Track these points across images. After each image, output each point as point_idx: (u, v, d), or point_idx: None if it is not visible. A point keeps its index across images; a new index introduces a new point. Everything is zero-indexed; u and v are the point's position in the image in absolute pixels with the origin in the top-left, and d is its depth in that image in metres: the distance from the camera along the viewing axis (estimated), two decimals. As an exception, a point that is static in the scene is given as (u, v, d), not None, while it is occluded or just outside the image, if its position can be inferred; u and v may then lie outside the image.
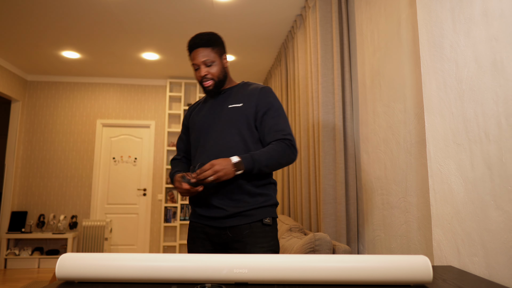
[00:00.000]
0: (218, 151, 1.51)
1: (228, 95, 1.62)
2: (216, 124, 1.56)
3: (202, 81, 1.58)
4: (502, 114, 0.98)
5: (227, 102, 1.60)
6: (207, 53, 1.57)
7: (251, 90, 1.60)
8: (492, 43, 1.02)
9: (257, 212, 1.50)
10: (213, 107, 1.62)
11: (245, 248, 1.46)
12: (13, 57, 4.82)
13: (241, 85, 1.66)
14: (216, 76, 1.58)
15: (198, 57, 1.57)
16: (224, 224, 1.49)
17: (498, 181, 0.99)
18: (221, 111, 1.58)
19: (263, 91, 1.58)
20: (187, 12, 3.49)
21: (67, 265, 0.91)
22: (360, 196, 2.40)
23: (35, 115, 5.59)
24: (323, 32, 2.67)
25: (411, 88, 1.78)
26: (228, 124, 1.54)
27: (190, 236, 1.60)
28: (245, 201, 1.49)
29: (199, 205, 1.55)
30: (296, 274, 0.88)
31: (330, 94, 2.59)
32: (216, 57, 1.59)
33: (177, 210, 5.51)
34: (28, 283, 4.22)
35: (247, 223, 1.48)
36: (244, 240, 1.47)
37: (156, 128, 5.77)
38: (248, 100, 1.57)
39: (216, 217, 1.50)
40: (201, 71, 1.57)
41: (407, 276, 0.88)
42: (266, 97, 1.57)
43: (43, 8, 3.43)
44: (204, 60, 1.56)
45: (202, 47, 1.57)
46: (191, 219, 1.61)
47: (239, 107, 1.55)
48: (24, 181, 5.43)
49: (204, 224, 1.54)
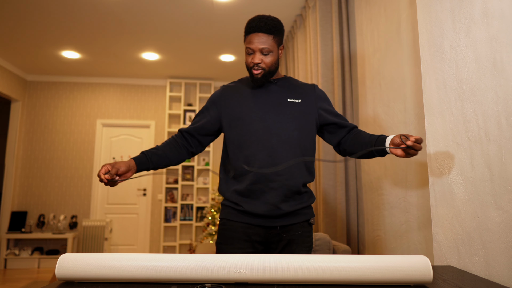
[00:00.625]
0: (277, 143, 1.43)
1: (280, 87, 1.54)
2: (277, 116, 1.46)
3: (253, 67, 1.46)
4: (502, 114, 0.98)
5: (283, 95, 1.51)
6: (267, 40, 1.45)
7: (306, 87, 1.56)
8: (492, 43, 1.02)
9: (305, 212, 1.48)
10: (268, 98, 1.51)
11: (290, 248, 1.42)
12: (13, 57, 4.82)
13: (287, 79, 1.59)
14: (268, 67, 1.47)
15: (257, 42, 1.44)
16: (274, 224, 1.42)
17: (498, 181, 0.99)
18: (281, 105, 1.48)
19: (318, 89, 1.58)
20: (187, 12, 3.49)
21: (67, 265, 0.91)
22: (360, 196, 2.40)
23: (35, 115, 5.59)
24: (323, 32, 2.67)
25: (411, 88, 1.78)
26: (289, 118, 1.47)
27: (226, 236, 1.46)
28: (295, 199, 1.44)
29: (248, 201, 1.43)
30: (296, 274, 0.88)
31: (330, 94, 2.59)
32: (275, 47, 1.48)
33: (177, 210, 5.51)
34: (28, 283, 4.22)
35: (298, 222, 1.44)
36: (292, 239, 1.43)
37: (156, 128, 5.77)
38: (306, 97, 1.52)
39: (267, 216, 1.41)
40: (255, 57, 1.45)
41: (407, 276, 0.88)
42: (323, 95, 1.57)
43: (43, 8, 3.43)
44: (262, 48, 1.44)
45: (264, 33, 1.44)
46: (231, 218, 1.46)
47: (298, 103, 1.50)
48: (24, 181, 5.43)
49: (247, 223, 1.43)
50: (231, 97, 1.54)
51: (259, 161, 1.41)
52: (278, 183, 1.40)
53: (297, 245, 1.43)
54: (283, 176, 1.41)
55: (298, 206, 1.44)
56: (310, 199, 1.50)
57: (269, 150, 1.42)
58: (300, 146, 1.46)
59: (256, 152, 1.42)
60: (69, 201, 5.49)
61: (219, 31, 3.90)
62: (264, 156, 1.41)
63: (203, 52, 4.58)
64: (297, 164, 1.44)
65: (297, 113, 1.48)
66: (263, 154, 1.42)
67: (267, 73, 1.48)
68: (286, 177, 1.41)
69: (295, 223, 1.44)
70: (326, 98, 1.58)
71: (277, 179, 1.40)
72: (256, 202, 1.42)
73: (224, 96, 1.55)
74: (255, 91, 1.53)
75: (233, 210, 1.46)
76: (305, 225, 1.47)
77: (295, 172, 1.43)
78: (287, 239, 1.43)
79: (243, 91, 1.54)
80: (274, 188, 1.40)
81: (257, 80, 1.49)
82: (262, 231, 1.43)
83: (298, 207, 1.44)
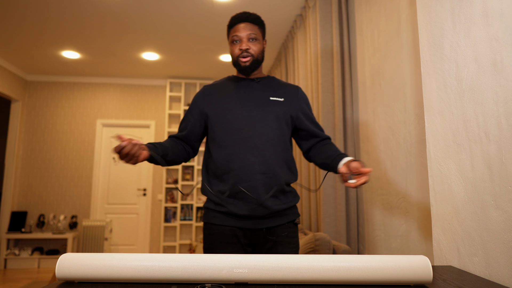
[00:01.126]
0: (260, 141, 1.42)
1: (264, 85, 1.52)
2: (260, 114, 1.45)
3: (241, 55, 1.46)
4: (502, 114, 0.98)
5: (266, 93, 1.50)
6: (254, 28, 1.48)
7: (289, 87, 1.56)
8: (492, 43, 1.02)
9: (290, 212, 1.46)
10: (251, 96, 1.49)
11: (276, 250, 1.40)
12: (13, 57, 4.82)
13: (270, 78, 1.58)
14: (256, 54, 1.47)
15: (243, 30, 1.46)
16: (260, 226, 1.40)
17: (498, 181, 0.99)
18: (264, 102, 1.47)
19: (302, 91, 1.58)
20: (187, 12, 3.49)
21: (67, 265, 0.91)
22: (360, 196, 2.40)
23: (35, 115, 5.59)
24: (323, 32, 2.67)
25: (411, 88, 1.78)
26: (272, 116, 1.46)
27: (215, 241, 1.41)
28: (280, 198, 1.43)
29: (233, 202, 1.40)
30: (296, 274, 0.88)
31: (330, 94, 2.59)
32: (261, 36, 1.51)
33: (177, 210, 5.52)
34: (28, 283, 4.22)
35: (283, 223, 1.43)
36: (277, 241, 1.41)
37: (156, 128, 5.77)
38: (288, 97, 1.51)
39: (253, 216, 1.39)
40: (243, 44, 1.45)
41: (407, 276, 0.88)
42: (305, 98, 1.57)
43: (43, 8, 3.43)
44: (249, 34, 1.46)
45: (250, 23, 1.48)
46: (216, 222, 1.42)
47: (281, 102, 1.49)
48: (24, 181, 5.43)
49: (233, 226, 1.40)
50: (213, 95, 1.52)
51: (242, 159, 1.40)
52: (261, 182, 1.39)
53: (282, 247, 1.41)
54: (266, 175, 1.40)
55: (283, 206, 1.43)
56: (294, 198, 1.49)
57: (252, 148, 1.41)
58: (281, 145, 1.46)
59: (240, 150, 1.41)
60: (69, 201, 5.49)
61: (219, 31, 3.90)
62: (247, 154, 1.40)
63: (203, 52, 4.58)
64: (278, 163, 1.43)
65: (280, 112, 1.47)
66: (246, 152, 1.40)
67: (255, 61, 1.47)
68: (269, 175, 1.40)
69: (281, 224, 1.43)
70: (308, 102, 1.58)
71: (260, 178, 1.39)
72: (240, 203, 1.39)
73: (206, 95, 1.53)
74: (238, 90, 1.51)
75: (218, 213, 1.43)
76: (290, 226, 1.46)
77: (277, 170, 1.42)
78: (272, 241, 1.41)
79: (226, 90, 1.52)
80: (257, 187, 1.38)
81: (245, 69, 1.47)
82: (248, 234, 1.42)
83: (283, 207, 1.43)
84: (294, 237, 1.47)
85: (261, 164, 1.40)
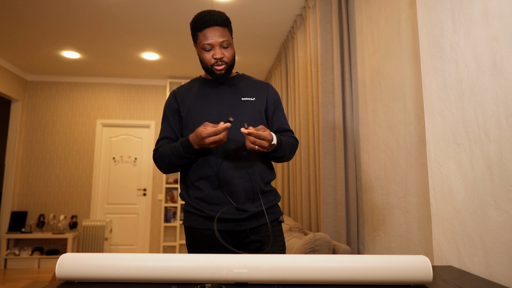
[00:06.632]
0: (236, 145, 1.40)
1: (234, 86, 1.50)
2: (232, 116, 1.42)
3: (215, 64, 1.41)
4: (502, 114, 0.98)
5: (237, 94, 1.47)
6: (225, 33, 1.40)
7: (259, 85, 1.54)
8: (492, 43, 1.02)
9: (272, 211, 1.45)
10: (223, 97, 1.46)
11: (262, 250, 1.39)
12: (13, 57, 4.82)
13: (241, 77, 1.55)
14: (230, 60, 1.43)
15: (215, 36, 1.38)
16: (242, 227, 1.38)
17: (498, 181, 0.99)
18: (236, 103, 1.45)
19: (271, 87, 1.56)
20: (187, 12, 3.49)
21: (67, 265, 0.91)
22: (360, 196, 2.40)
23: (35, 115, 5.59)
24: (323, 32, 2.67)
25: (411, 88, 1.78)
26: (245, 117, 1.43)
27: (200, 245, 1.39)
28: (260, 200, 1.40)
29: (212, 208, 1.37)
30: (296, 274, 0.88)
31: (330, 94, 2.59)
32: (231, 39, 1.45)
33: (177, 210, 5.52)
34: (28, 283, 4.22)
35: (266, 223, 1.41)
36: (262, 240, 1.40)
37: (156, 128, 5.77)
38: (259, 95, 1.50)
39: (234, 220, 1.37)
40: (217, 52, 1.39)
41: (407, 276, 0.88)
42: (275, 94, 1.56)
43: (43, 8, 3.43)
44: (221, 41, 1.38)
45: (220, 26, 1.39)
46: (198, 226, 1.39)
47: (252, 101, 1.46)
48: (24, 181, 5.43)
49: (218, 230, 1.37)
50: (184, 99, 1.49)
51: (217, 162, 1.38)
52: (239, 186, 1.37)
53: (268, 246, 1.38)
54: (244, 179, 1.38)
55: (264, 206, 1.40)
56: (275, 197, 1.48)
57: (229, 153, 1.39)
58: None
59: (214, 152, 1.39)
60: (69, 201, 5.49)
61: (219, 31, 3.89)
62: (223, 159, 1.38)
63: (203, 52, 4.58)
64: (256, 164, 1.42)
65: (252, 111, 1.45)
66: (222, 157, 1.39)
67: (229, 67, 1.44)
68: (247, 179, 1.38)
69: (264, 223, 1.41)
70: (277, 99, 1.56)
71: (238, 182, 1.37)
72: (220, 208, 1.36)
73: (177, 99, 1.50)
74: (208, 92, 1.48)
75: (199, 217, 1.40)
76: (274, 224, 1.44)
77: (256, 172, 1.40)
78: (257, 241, 1.40)
79: (196, 93, 1.49)
80: (236, 191, 1.37)
81: (221, 76, 1.43)
82: (232, 235, 1.40)
83: (264, 206, 1.40)
84: (280, 236, 1.45)
85: (239, 168, 1.38)
